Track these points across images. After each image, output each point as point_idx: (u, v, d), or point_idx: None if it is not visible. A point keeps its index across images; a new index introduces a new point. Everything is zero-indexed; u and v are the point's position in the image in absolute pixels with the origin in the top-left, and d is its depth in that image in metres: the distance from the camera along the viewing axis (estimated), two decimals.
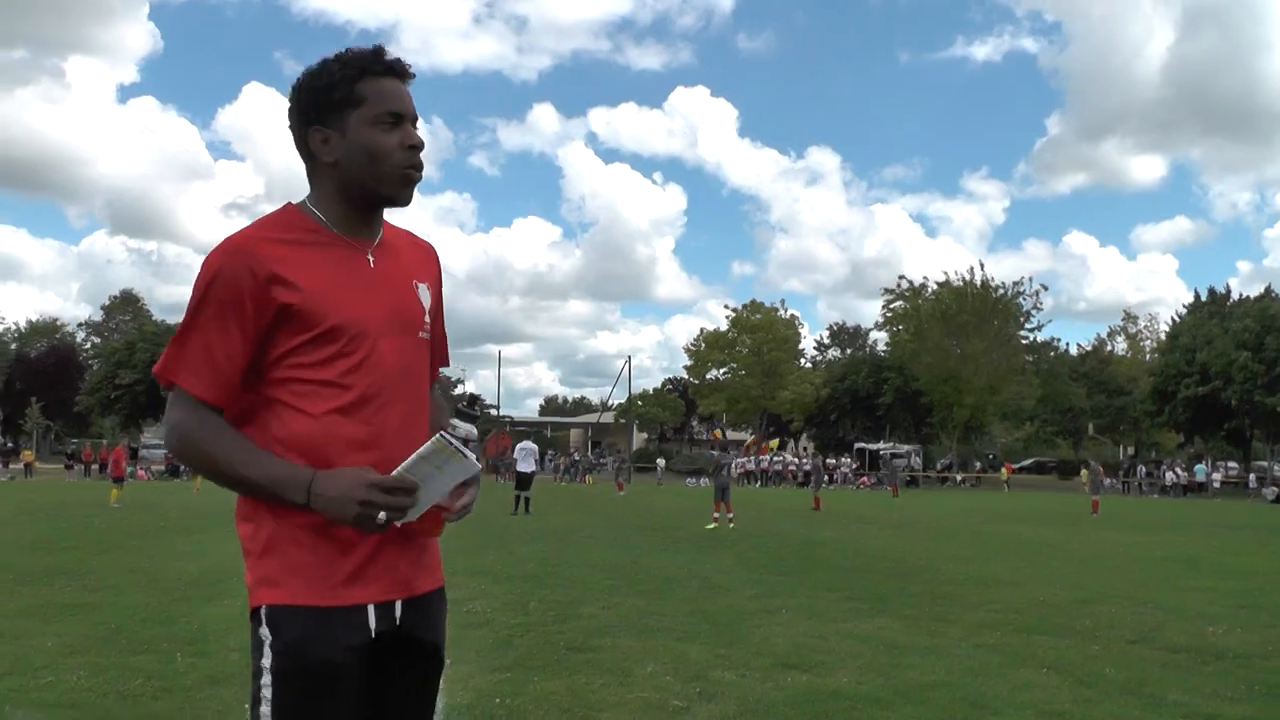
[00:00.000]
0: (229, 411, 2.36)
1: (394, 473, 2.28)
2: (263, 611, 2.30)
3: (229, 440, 2.31)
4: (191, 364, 2.31)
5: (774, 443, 75.51)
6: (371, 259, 2.49)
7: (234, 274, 2.30)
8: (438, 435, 2.30)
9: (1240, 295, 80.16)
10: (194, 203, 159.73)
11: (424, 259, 2.66)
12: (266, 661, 2.27)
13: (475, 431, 2.46)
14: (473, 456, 2.34)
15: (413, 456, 2.29)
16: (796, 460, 77.54)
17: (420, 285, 2.59)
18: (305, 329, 2.34)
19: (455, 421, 2.43)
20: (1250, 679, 7.83)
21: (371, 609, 2.36)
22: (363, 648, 2.33)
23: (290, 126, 2.50)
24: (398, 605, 2.43)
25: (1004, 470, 74.14)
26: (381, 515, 2.24)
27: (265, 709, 2.25)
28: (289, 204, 2.52)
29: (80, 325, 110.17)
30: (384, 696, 2.45)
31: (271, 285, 2.31)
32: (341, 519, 2.25)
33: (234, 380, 2.34)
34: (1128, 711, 6.76)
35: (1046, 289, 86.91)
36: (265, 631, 2.29)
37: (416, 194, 2.52)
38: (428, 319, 2.58)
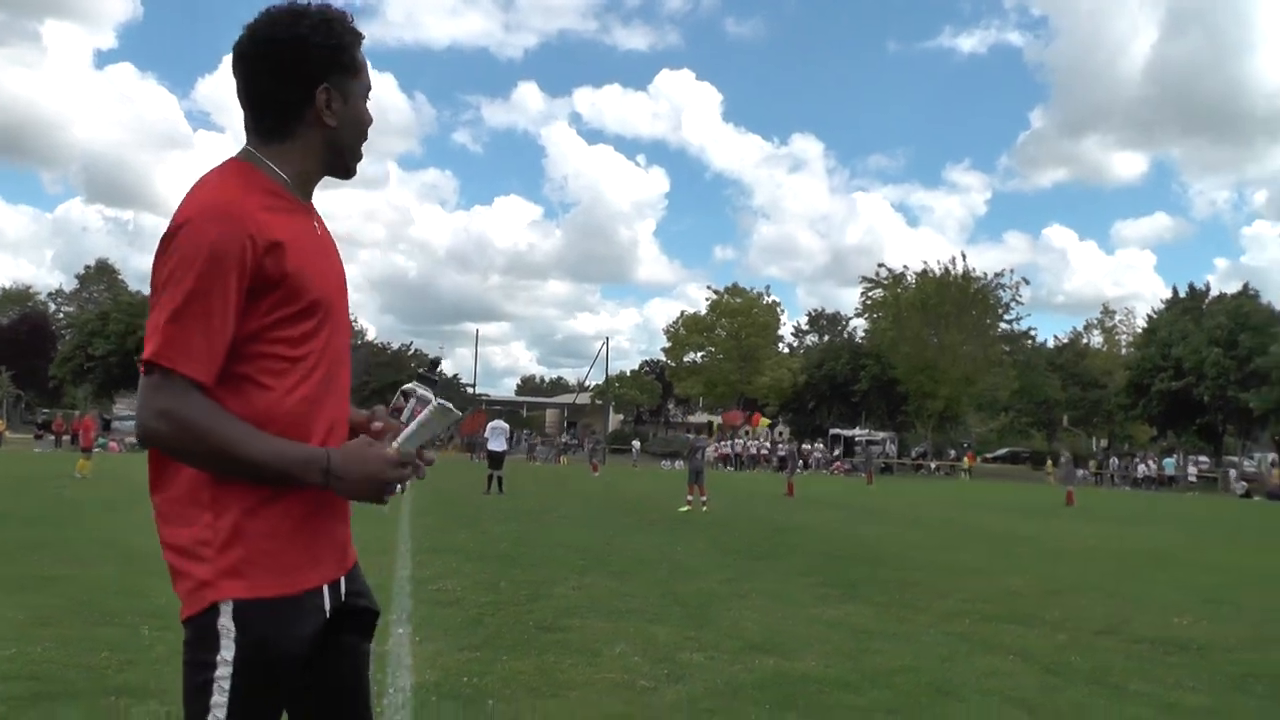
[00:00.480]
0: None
1: (397, 444, 2.30)
2: (227, 606, 2.21)
3: (230, 423, 2.18)
4: (193, 347, 2.15)
5: (764, 420, 75.88)
6: (316, 225, 2.46)
7: (233, 243, 2.17)
8: (437, 403, 2.34)
9: (1217, 293, 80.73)
10: (172, 173, 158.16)
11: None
12: (227, 654, 2.19)
13: (432, 397, 2.44)
14: (456, 413, 2.37)
15: (414, 425, 2.32)
16: (770, 445, 77.75)
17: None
18: (290, 302, 2.26)
19: (413, 386, 2.43)
20: (1212, 670, 7.94)
21: (326, 589, 2.35)
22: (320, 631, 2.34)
23: (263, 74, 2.37)
24: (341, 580, 2.45)
25: (965, 459, 74.46)
26: (398, 489, 2.27)
27: (219, 699, 2.19)
28: (240, 161, 2.38)
29: (53, 294, 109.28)
30: (329, 668, 2.44)
31: (268, 255, 2.21)
32: (361, 498, 2.26)
33: (224, 359, 2.21)
34: (1091, 700, 6.85)
35: (1028, 283, 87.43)
36: (227, 625, 2.20)
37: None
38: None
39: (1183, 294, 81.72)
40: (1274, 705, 6.99)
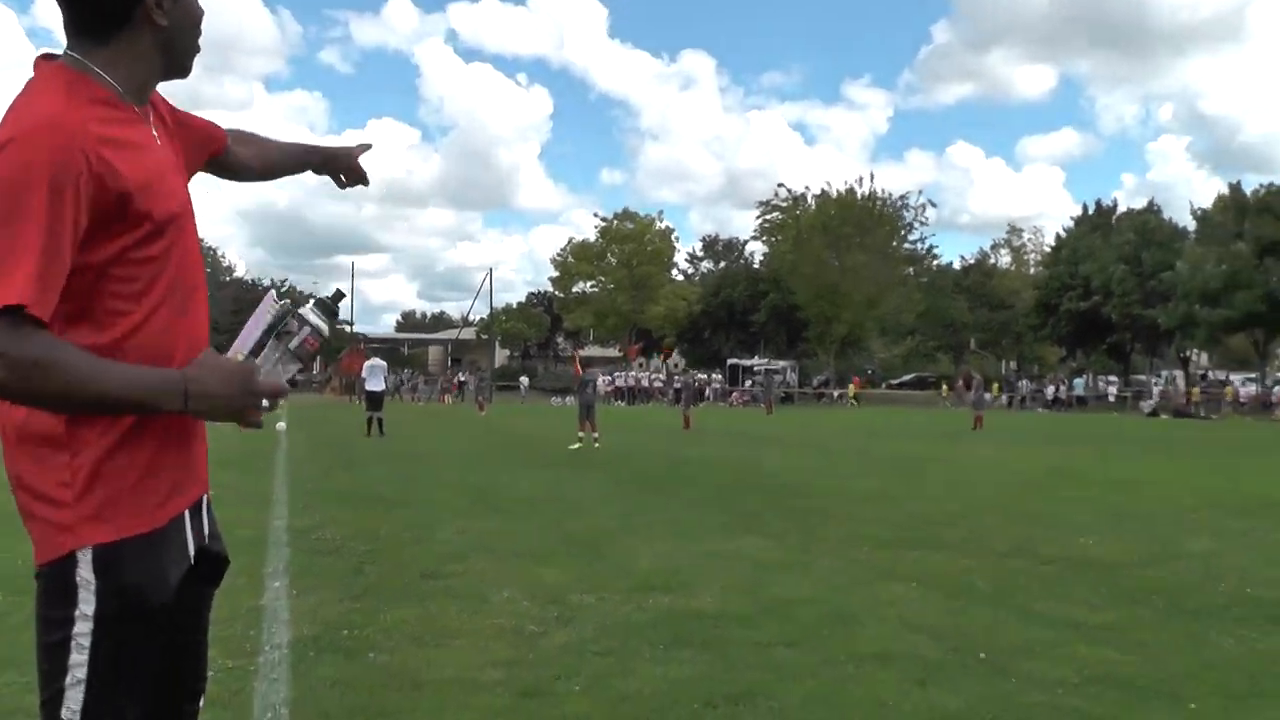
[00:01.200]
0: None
1: (257, 358, 2.25)
2: (86, 554, 2.13)
3: (75, 357, 2.03)
4: (24, 280, 1.97)
5: (666, 352, 76.27)
6: (157, 135, 2.35)
7: (65, 162, 2.03)
8: (284, 304, 2.29)
9: (1125, 209, 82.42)
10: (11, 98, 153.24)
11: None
12: (86, 608, 2.12)
13: (326, 330, 2.36)
14: (317, 325, 2.31)
15: (269, 337, 2.27)
16: (665, 377, 78.24)
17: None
18: (135, 224, 2.14)
19: (309, 311, 2.34)
20: (1115, 587, 8.24)
21: (189, 525, 2.30)
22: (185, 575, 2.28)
23: None
24: (203, 513, 2.42)
25: (851, 386, 75.58)
26: (266, 405, 2.17)
27: (78, 657, 2.12)
28: (64, 68, 2.21)
29: None
30: (179, 616, 2.35)
31: (107, 173, 2.08)
32: (226, 418, 2.17)
33: (59, 290, 2.05)
34: (995, 622, 7.04)
35: (935, 205, 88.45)
36: (86, 575, 2.12)
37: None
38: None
39: (1091, 211, 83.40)
40: (1173, 618, 7.27)
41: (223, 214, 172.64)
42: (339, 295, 2.44)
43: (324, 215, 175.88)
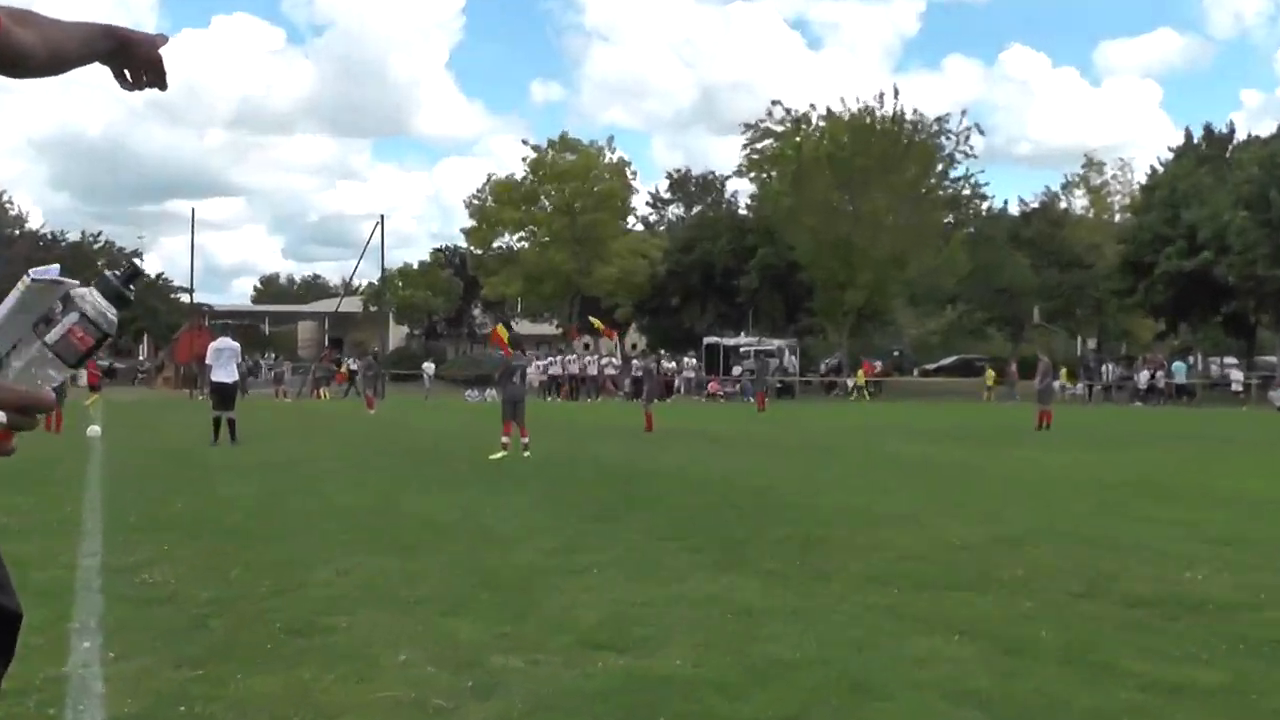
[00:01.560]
0: None
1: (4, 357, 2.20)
2: None
3: None
4: None
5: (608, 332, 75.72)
6: None
7: None
8: (41, 281, 2.22)
9: (1246, 135, 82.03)
10: None
11: None
12: None
13: (114, 319, 2.33)
14: (94, 312, 2.26)
15: (23, 328, 2.21)
16: (619, 363, 78.18)
17: None
18: None
19: (86, 292, 2.28)
20: (1228, 637, 8.27)
21: None
22: None
23: None
24: None
25: (859, 373, 75.84)
26: (3, 420, 2.14)
27: None
28: None
29: None
30: None
31: None
32: None
33: None
34: (1067, 687, 7.07)
35: (983, 132, 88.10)
36: None
37: None
38: None
39: (1198, 139, 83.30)
40: None
41: (10, 144, 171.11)
42: (132, 271, 2.39)
43: (154, 146, 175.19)
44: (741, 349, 77.75)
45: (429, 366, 79.05)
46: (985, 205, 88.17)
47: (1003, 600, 9.60)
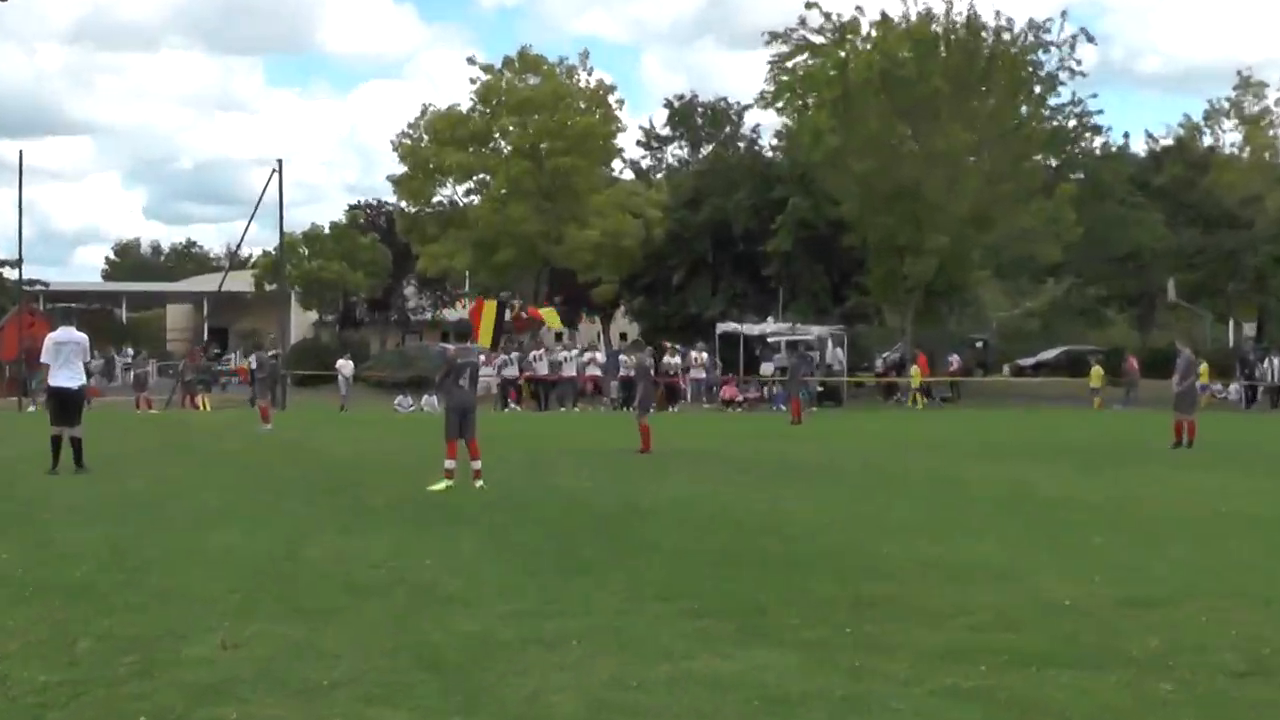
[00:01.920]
0: None
1: None
2: None
3: None
4: None
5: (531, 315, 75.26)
6: None
7: None
8: None
9: None
10: None
11: None
12: None
13: None
14: None
15: None
16: (602, 355, 77.79)
17: None
18: None
19: None
20: None
21: None
22: None
23: None
24: None
25: (914, 371, 75.09)
26: None
27: None
28: None
29: None
30: None
31: None
32: None
33: None
34: None
35: (1094, 41, 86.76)
36: None
37: None
38: None
39: None
40: None
41: None
42: None
43: None
44: (769, 339, 76.98)
45: (346, 365, 78.04)
46: (1099, 143, 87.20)
47: (1130, 681, 9.59)
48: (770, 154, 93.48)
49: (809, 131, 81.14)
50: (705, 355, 76.56)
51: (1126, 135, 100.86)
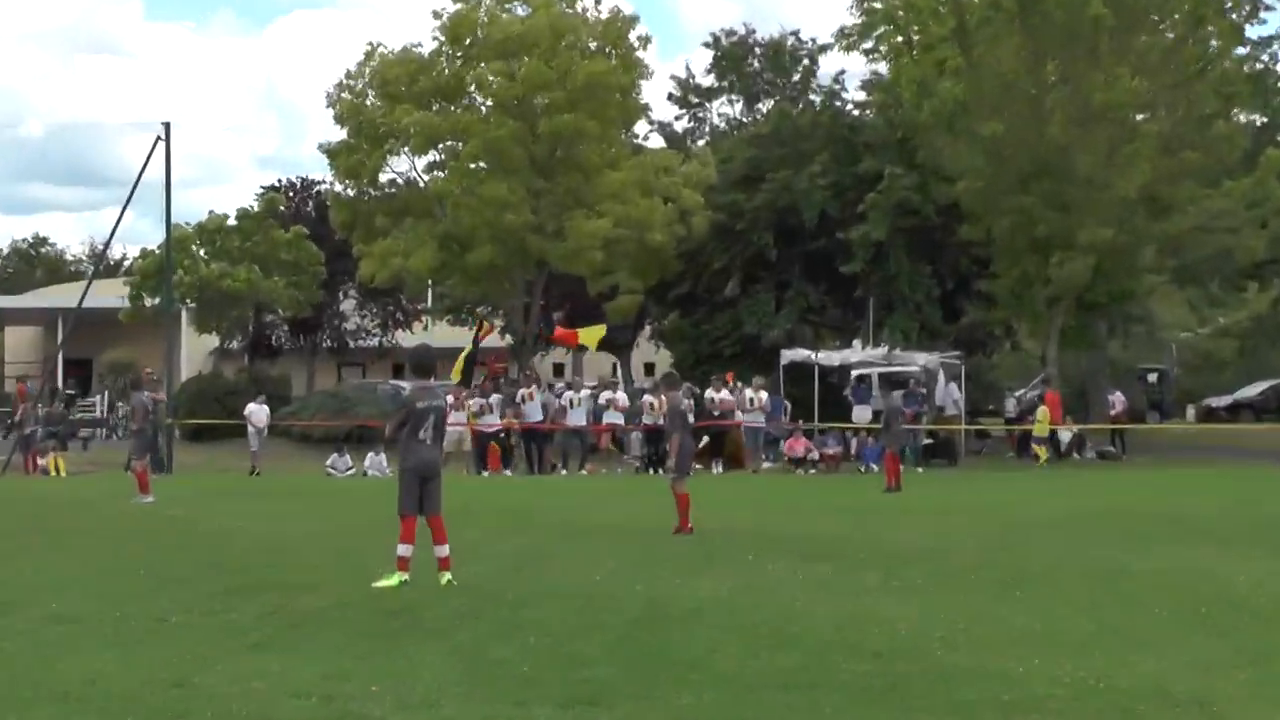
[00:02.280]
0: None
1: None
2: None
3: None
4: None
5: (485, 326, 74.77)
6: None
7: None
8: None
9: None
10: None
11: None
12: None
13: None
14: None
15: None
16: (624, 399, 77.40)
17: None
18: None
19: None
20: None
21: None
22: None
23: None
24: None
25: (1041, 413, 73.68)
26: None
27: None
28: None
29: None
30: None
31: None
32: None
33: None
34: None
35: None
36: None
37: None
38: None
39: None
40: None
41: None
42: None
43: None
44: (855, 372, 76.74)
45: (258, 411, 77.39)
46: None
47: None
48: (857, 112, 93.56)
49: (911, 81, 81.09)
50: (764, 395, 75.47)
51: None
